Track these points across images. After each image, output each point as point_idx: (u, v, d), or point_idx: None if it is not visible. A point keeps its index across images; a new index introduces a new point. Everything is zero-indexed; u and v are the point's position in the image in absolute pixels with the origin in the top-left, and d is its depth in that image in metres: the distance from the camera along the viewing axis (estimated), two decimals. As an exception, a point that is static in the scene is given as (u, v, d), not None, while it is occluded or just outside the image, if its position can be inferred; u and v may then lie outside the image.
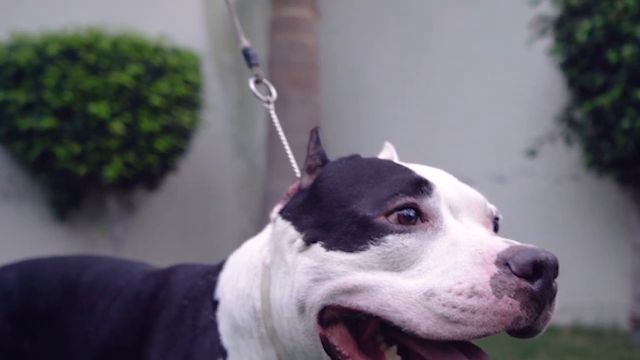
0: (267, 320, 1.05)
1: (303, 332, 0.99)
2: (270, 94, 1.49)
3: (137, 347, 1.18)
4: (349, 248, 0.96)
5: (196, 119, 6.15)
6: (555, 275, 0.96)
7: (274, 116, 1.45)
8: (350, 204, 0.99)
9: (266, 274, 1.07)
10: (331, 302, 0.96)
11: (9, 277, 1.50)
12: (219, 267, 1.19)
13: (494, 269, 0.91)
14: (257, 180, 7.36)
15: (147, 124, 5.64)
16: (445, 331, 0.90)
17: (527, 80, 5.73)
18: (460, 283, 0.91)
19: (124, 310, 1.27)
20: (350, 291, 0.95)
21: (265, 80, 1.52)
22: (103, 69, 5.54)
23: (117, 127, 5.49)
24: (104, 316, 1.29)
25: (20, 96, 5.45)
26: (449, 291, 0.91)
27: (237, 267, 1.14)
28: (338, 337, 0.97)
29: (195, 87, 6.07)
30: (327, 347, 0.98)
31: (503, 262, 0.92)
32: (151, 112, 5.70)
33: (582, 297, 5.40)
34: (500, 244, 0.95)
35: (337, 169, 1.08)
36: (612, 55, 4.39)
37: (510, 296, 0.90)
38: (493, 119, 5.95)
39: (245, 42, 1.64)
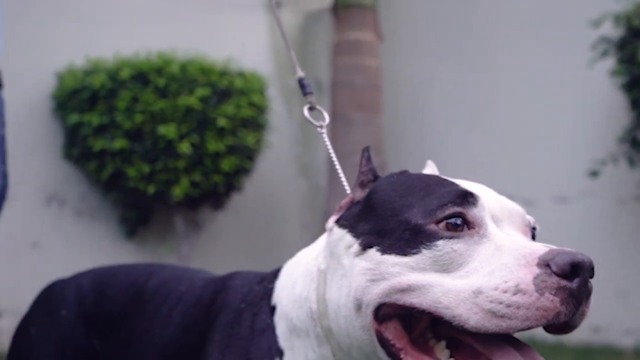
0: (323, 320, 1.15)
1: (360, 328, 1.08)
2: (324, 119, 1.60)
3: (198, 346, 1.28)
4: (402, 252, 1.06)
5: (261, 140, 6.28)
6: (591, 276, 1.04)
7: (326, 140, 1.56)
8: (403, 213, 1.09)
9: (321, 278, 1.17)
10: (387, 300, 1.06)
11: (83, 283, 1.64)
12: (274, 275, 1.30)
13: (536, 270, 1.01)
14: (319, 199, 7.46)
15: (214, 145, 5.80)
16: (492, 325, 1.00)
17: (590, 101, 5.73)
18: (505, 282, 1.00)
19: (186, 314, 1.38)
20: (405, 290, 1.05)
21: (318, 107, 1.63)
22: (172, 92, 5.74)
23: (185, 147, 5.67)
24: (168, 319, 1.41)
25: (94, 118, 5.68)
26: (496, 289, 1.00)
27: (293, 275, 1.24)
28: (392, 332, 1.07)
29: (260, 109, 6.20)
30: (382, 341, 1.07)
31: (544, 263, 1.01)
32: (217, 133, 5.86)
33: None
34: (540, 247, 1.04)
35: (390, 182, 1.18)
36: (675, 76, 4.43)
37: (551, 293, 0.99)
38: (555, 140, 5.95)
39: (300, 73, 1.75)
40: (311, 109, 1.65)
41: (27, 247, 5.76)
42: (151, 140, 5.70)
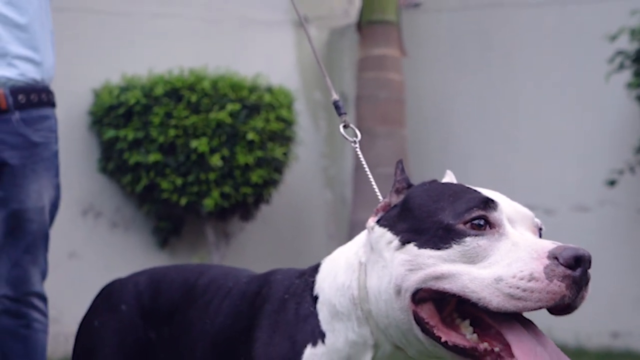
0: (364, 304, 1.34)
1: (398, 309, 1.28)
2: (356, 136, 1.81)
3: (245, 332, 1.47)
4: (436, 246, 1.26)
5: (288, 153, 6.44)
6: (589, 267, 1.23)
7: (360, 154, 1.77)
8: (437, 215, 1.29)
9: (362, 269, 1.36)
10: (423, 286, 1.26)
11: (140, 281, 1.85)
12: (313, 270, 1.49)
13: (546, 261, 1.20)
14: (344, 210, 7.59)
15: (243, 158, 5.95)
16: (511, 305, 1.20)
17: (607, 112, 5.82)
18: (521, 271, 1.20)
19: (234, 305, 1.57)
20: (438, 278, 1.24)
21: (351, 125, 1.84)
22: (204, 107, 5.93)
23: (216, 160, 5.85)
24: (218, 311, 1.60)
25: (130, 133, 5.87)
26: (514, 277, 1.20)
27: (334, 268, 1.43)
28: (427, 312, 1.26)
29: (288, 123, 6.36)
30: (418, 320, 1.26)
31: (553, 256, 1.21)
32: (247, 147, 6.02)
33: None
34: (549, 244, 1.24)
35: (423, 189, 1.38)
36: (689, 88, 4.57)
37: (559, 280, 1.19)
38: (574, 151, 6.05)
39: (335, 96, 1.97)
40: (345, 126, 1.86)
41: (64, 257, 5.91)
42: (184, 154, 5.88)
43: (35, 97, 2.68)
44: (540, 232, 1.38)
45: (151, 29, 6.68)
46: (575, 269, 1.20)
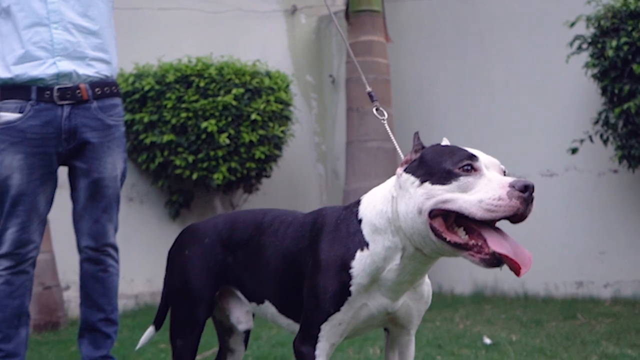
0: (395, 222, 1.93)
1: (420, 223, 1.86)
2: (384, 115, 2.44)
3: (309, 247, 2.07)
4: (442, 183, 1.83)
5: (286, 131, 6.88)
6: (533, 191, 1.80)
7: (387, 128, 2.40)
8: (442, 164, 1.85)
9: (393, 200, 1.95)
10: (434, 207, 1.83)
11: (218, 221, 2.47)
12: (355, 204, 2.09)
13: (508, 189, 1.77)
14: (336, 182, 8.05)
15: (248, 136, 6.40)
16: (488, 216, 1.77)
17: (568, 89, 6.17)
18: (493, 195, 1.77)
19: (296, 231, 2.18)
20: (444, 202, 1.82)
21: (381, 109, 2.46)
22: (211, 91, 6.36)
23: (224, 139, 6.28)
24: (284, 236, 2.21)
25: (145, 116, 6.32)
26: (489, 199, 1.77)
27: (372, 200, 2.03)
28: (438, 223, 1.84)
29: (286, 104, 6.80)
30: (432, 228, 1.84)
31: (511, 186, 1.77)
32: (250, 126, 6.46)
33: (622, 274, 5.95)
34: (510, 179, 1.81)
35: (432, 148, 1.96)
36: (637, 68, 5.05)
37: (516, 199, 1.75)
38: (541, 124, 6.41)
39: (369, 88, 2.59)
40: (377, 110, 2.45)
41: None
42: (194, 134, 6.33)
43: (107, 90, 3.33)
44: (504, 173, 2.02)
45: (159, 22, 7.11)
46: (525, 192, 1.77)
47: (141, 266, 6.67)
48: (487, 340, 4.29)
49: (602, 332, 4.47)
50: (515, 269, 1.77)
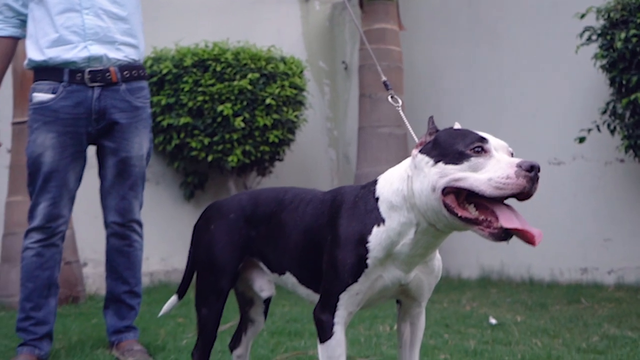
0: (411, 199, 2.05)
1: (434, 199, 1.98)
2: (399, 102, 2.58)
3: (329, 223, 2.21)
4: (455, 163, 1.95)
5: (299, 116, 7.00)
6: (539, 171, 1.90)
7: (402, 114, 2.54)
8: (454, 146, 1.97)
9: (409, 179, 2.07)
10: (447, 185, 1.96)
11: (242, 197, 2.61)
12: (372, 183, 2.21)
13: (515, 168, 1.88)
14: (347, 167, 8.19)
15: (262, 120, 6.52)
16: (497, 193, 1.89)
17: (577, 80, 6.24)
18: (502, 174, 1.89)
19: (316, 208, 2.31)
20: (457, 179, 1.94)
21: (396, 96, 2.60)
22: (227, 76, 6.49)
23: (239, 122, 6.41)
24: (304, 213, 2.34)
25: (162, 99, 6.47)
26: (498, 177, 1.89)
27: (389, 179, 2.15)
28: (450, 200, 1.97)
29: (299, 89, 6.92)
30: (445, 205, 1.97)
31: (518, 166, 1.89)
32: (265, 110, 6.58)
33: (627, 261, 6.06)
34: (517, 160, 1.92)
35: (445, 131, 2.09)
36: (644, 59, 5.16)
37: (522, 178, 1.87)
38: (550, 113, 6.49)
39: (384, 77, 2.72)
40: (392, 97, 2.59)
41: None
42: (210, 117, 6.46)
43: (135, 73, 3.49)
44: (512, 154, 2.14)
45: (175, 7, 7.23)
46: (531, 172, 1.89)
47: (156, 245, 6.82)
48: (493, 321, 4.45)
49: (604, 316, 4.62)
50: (529, 238, 1.88)
